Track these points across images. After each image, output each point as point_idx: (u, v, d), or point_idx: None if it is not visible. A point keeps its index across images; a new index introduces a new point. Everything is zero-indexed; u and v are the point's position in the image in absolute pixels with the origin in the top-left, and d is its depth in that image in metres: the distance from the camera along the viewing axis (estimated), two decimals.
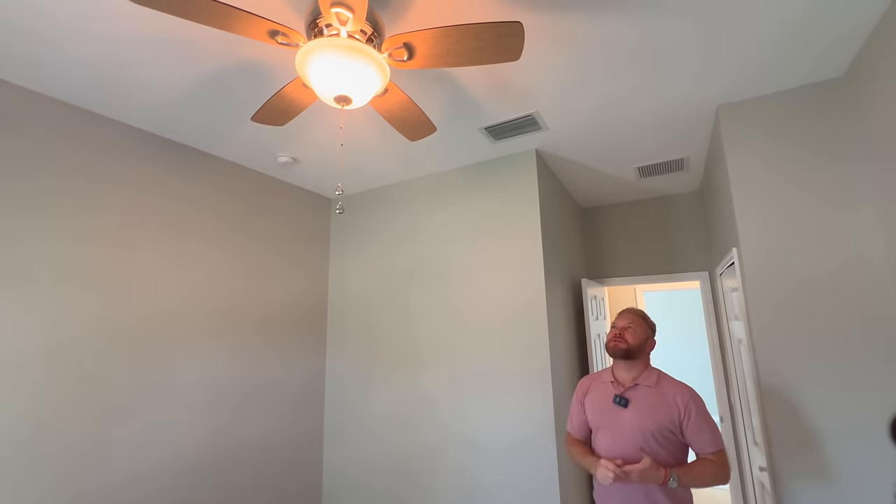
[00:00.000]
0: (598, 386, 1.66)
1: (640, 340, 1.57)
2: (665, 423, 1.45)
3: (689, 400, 1.46)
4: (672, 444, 1.46)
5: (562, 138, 2.37)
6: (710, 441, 1.43)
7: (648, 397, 1.51)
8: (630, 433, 1.48)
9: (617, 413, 1.53)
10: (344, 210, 1.75)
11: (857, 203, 1.74)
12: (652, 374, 1.56)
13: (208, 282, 2.37)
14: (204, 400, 2.26)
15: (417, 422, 2.61)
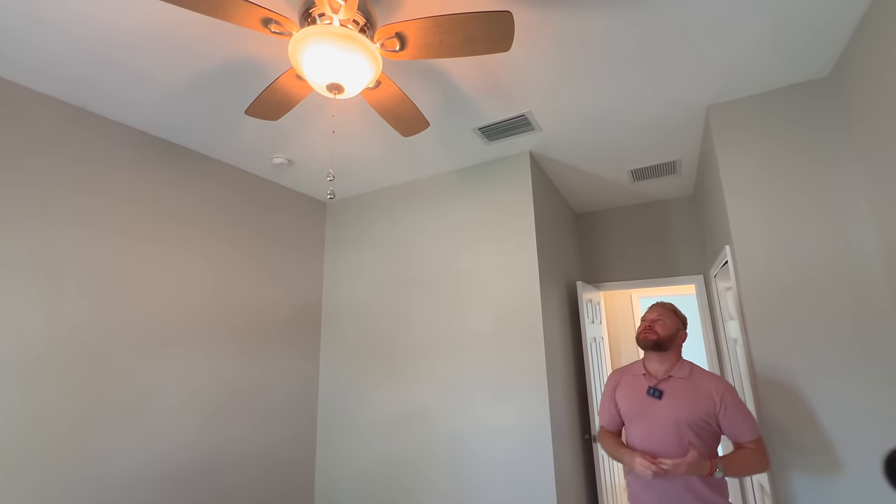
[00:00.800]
0: (629, 378, 1.67)
1: (669, 332, 1.58)
2: (700, 414, 1.46)
3: (724, 390, 1.47)
4: (707, 434, 1.47)
5: (555, 140, 2.39)
6: (749, 429, 1.45)
7: (682, 389, 1.52)
8: (665, 425, 1.49)
9: (651, 405, 1.55)
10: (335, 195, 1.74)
11: (847, 200, 1.75)
12: (685, 366, 1.58)
13: (202, 285, 2.35)
14: (197, 404, 2.22)
15: (412, 427, 2.57)
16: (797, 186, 1.84)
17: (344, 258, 3.11)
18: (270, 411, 2.61)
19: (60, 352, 1.77)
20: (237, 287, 2.53)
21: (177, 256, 2.24)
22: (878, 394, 1.59)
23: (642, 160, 2.71)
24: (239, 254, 2.57)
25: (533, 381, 2.26)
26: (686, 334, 1.64)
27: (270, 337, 2.69)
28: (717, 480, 1.45)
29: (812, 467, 1.64)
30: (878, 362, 1.61)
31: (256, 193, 2.74)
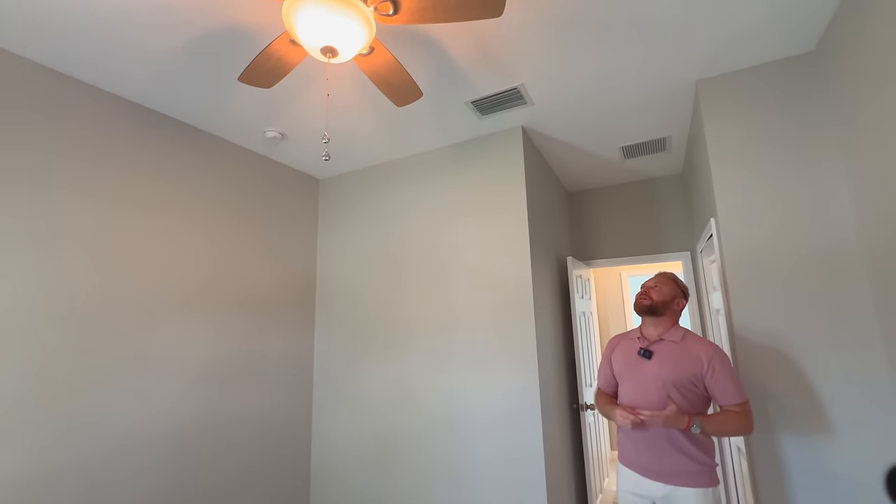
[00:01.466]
0: (625, 342, 1.77)
1: (664, 298, 1.66)
2: (687, 375, 1.53)
3: (714, 355, 1.54)
4: (694, 395, 1.54)
5: (547, 114, 2.42)
6: (734, 393, 1.51)
7: (672, 351, 1.60)
8: (652, 383, 1.58)
9: (641, 364, 1.64)
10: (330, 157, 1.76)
11: (828, 173, 1.80)
12: (679, 331, 1.66)
13: (197, 256, 2.37)
14: (191, 373, 2.26)
15: (405, 397, 2.64)
16: (781, 160, 1.89)
17: (337, 233, 3.14)
18: (267, 381, 2.67)
19: (59, 314, 1.79)
20: (233, 259, 2.55)
21: (172, 227, 2.25)
22: (858, 356, 1.66)
23: (633, 137, 2.74)
24: (234, 227, 2.58)
25: (523, 353, 2.33)
26: (684, 303, 1.71)
27: (266, 308, 2.72)
28: (702, 440, 1.54)
29: (798, 428, 1.72)
30: (857, 326, 1.68)
31: (250, 168, 2.74)
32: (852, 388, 1.66)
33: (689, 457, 1.51)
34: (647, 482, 1.57)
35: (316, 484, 2.87)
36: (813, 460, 1.68)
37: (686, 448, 1.52)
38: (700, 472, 1.51)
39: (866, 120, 1.54)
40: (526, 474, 2.21)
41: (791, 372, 1.76)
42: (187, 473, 2.17)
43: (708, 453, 1.55)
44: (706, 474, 1.51)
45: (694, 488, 1.49)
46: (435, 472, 2.47)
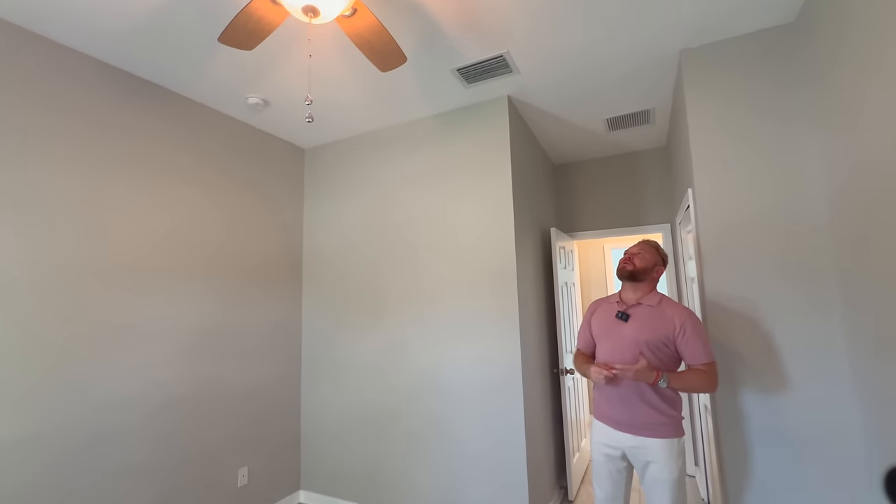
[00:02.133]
0: (605, 306, 1.87)
1: (646, 265, 1.75)
2: (659, 336, 1.64)
3: (686, 319, 1.64)
4: (665, 354, 1.65)
5: (533, 84, 2.42)
6: (702, 353, 1.61)
7: (648, 315, 1.70)
8: (627, 344, 1.68)
9: (618, 326, 1.73)
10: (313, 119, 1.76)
11: (801, 146, 1.86)
12: (656, 296, 1.75)
13: (182, 224, 2.36)
14: (178, 340, 2.30)
15: (392, 364, 2.73)
16: (756, 131, 1.94)
17: (323, 203, 3.14)
18: (254, 350, 2.72)
19: (39, 284, 1.79)
20: (219, 228, 2.55)
21: (156, 195, 2.24)
22: (817, 319, 1.77)
23: (618, 108, 2.76)
24: (219, 196, 2.57)
25: (506, 320, 2.41)
26: (662, 269, 1.80)
27: (253, 277, 2.75)
28: (669, 395, 1.65)
29: (760, 386, 1.83)
30: (818, 291, 1.78)
31: (235, 136, 2.71)
32: (810, 348, 1.77)
33: (657, 410, 1.62)
34: (618, 434, 1.69)
35: (306, 448, 2.98)
36: (771, 415, 1.81)
37: (654, 402, 1.63)
38: (667, 424, 1.62)
39: (838, 92, 1.59)
40: (507, 433, 2.33)
41: (757, 334, 1.86)
42: (171, 440, 2.22)
43: (675, 407, 1.66)
44: (672, 426, 1.63)
45: (661, 439, 1.61)
46: (423, 431, 2.58)
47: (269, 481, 2.74)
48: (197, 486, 2.31)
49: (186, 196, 2.40)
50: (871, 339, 1.52)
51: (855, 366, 1.65)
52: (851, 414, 1.68)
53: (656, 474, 1.60)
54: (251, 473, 2.62)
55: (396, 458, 2.64)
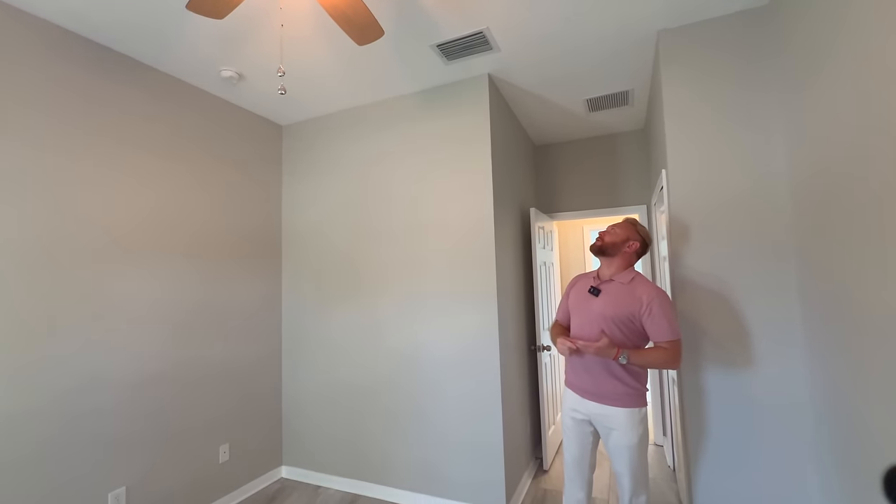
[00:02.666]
0: (583, 280, 1.93)
1: (615, 239, 1.78)
2: (625, 312, 1.69)
3: (654, 297, 1.67)
4: (630, 330, 1.70)
5: (514, 62, 2.41)
6: (666, 331, 1.65)
7: (618, 291, 1.75)
8: (595, 318, 1.74)
9: (589, 301, 1.80)
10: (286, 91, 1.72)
11: (770, 129, 1.92)
12: (629, 274, 1.78)
13: (160, 201, 2.32)
14: (158, 319, 2.28)
15: (372, 340, 2.76)
16: (728, 113, 1.99)
17: (302, 182, 3.10)
18: (235, 328, 2.71)
19: (16, 261, 1.75)
20: (196, 205, 2.50)
21: (130, 171, 2.17)
22: (778, 295, 1.86)
23: (598, 89, 2.78)
24: (196, 172, 2.51)
25: (484, 297, 2.45)
26: (637, 245, 1.79)
27: (230, 257, 2.72)
28: (633, 369, 1.72)
29: (725, 359, 1.93)
30: (779, 268, 1.86)
31: (210, 112, 2.64)
32: (770, 324, 1.86)
33: (621, 381, 1.71)
34: (585, 402, 1.79)
35: (287, 424, 3.02)
36: (732, 385, 1.91)
37: (618, 374, 1.71)
38: (629, 394, 1.71)
39: (806, 76, 1.64)
40: (485, 407, 2.41)
41: (723, 310, 1.95)
42: (153, 417, 2.23)
43: (638, 380, 1.73)
44: (634, 396, 1.71)
45: (623, 408, 1.70)
46: (403, 406, 2.64)
47: (250, 457, 2.77)
48: (178, 463, 2.33)
49: (163, 172, 2.34)
50: (820, 316, 1.61)
51: (807, 340, 1.75)
52: (803, 382, 1.79)
53: (617, 440, 1.71)
54: (232, 450, 2.65)
55: (376, 433, 2.71)
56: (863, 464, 1.38)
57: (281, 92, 1.40)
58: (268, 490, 2.81)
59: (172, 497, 2.28)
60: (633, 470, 1.70)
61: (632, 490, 1.73)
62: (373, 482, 2.70)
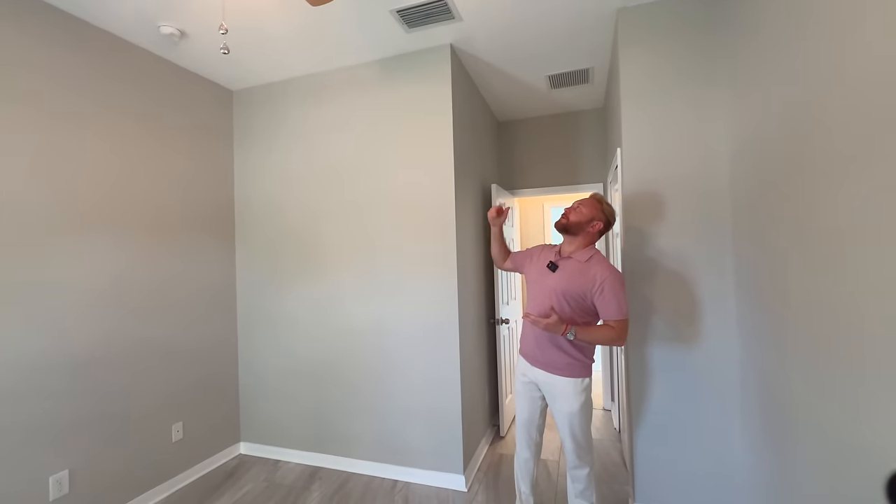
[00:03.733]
0: (546, 252, 1.96)
1: (580, 219, 1.80)
2: (577, 290, 1.74)
3: (607, 278, 1.71)
4: (581, 307, 1.76)
5: (476, 32, 2.36)
6: (615, 311, 1.71)
7: (574, 269, 1.79)
8: (547, 293, 1.81)
9: (546, 275, 1.85)
10: (229, 51, 1.61)
11: (718, 109, 2.00)
12: (588, 252, 1.81)
13: (93, 171, 2.13)
14: (99, 298, 2.14)
15: (331, 315, 2.73)
16: (681, 92, 2.05)
17: (256, 150, 2.95)
18: (186, 305, 2.60)
19: None
20: (137, 174, 2.33)
21: (63, 136, 1.97)
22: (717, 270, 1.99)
23: (560, 65, 2.79)
24: (136, 139, 2.32)
25: (444, 271, 2.47)
26: (599, 225, 1.82)
27: (177, 228, 2.57)
28: (580, 343, 1.78)
29: (668, 329, 2.06)
30: (718, 245, 1.98)
31: (152, 73, 2.43)
32: (710, 297, 2.00)
33: (566, 353, 1.80)
34: (534, 370, 1.89)
35: (245, 400, 2.97)
36: (674, 358, 2.05)
37: (563, 346, 1.80)
38: (573, 365, 1.80)
39: (745, 59, 1.71)
40: (444, 379, 2.47)
41: (669, 285, 2.07)
42: (100, 398, 2.13)
43: (582, 352, 1.81)
44: (578, 367, 1.80)
45: (567, 377, 1.80)
46: (362, 379, 2.66)
47: (206, 435, 2.72)
48: (128, 443, 2.25)
49: (98, 139, 2.14)
50: (749, 289, 1.75)
51: (739, 314, 1.90)
52: (734, 349, 1.95)
53: (561, 407, 1.81)
54: (186, 428, 2.58)
55: (336, 406, 2.72)
56: (779, 423, 1.54)
57: (224, 51, 1.30)
58: (225, 466, 2.78)
59: (122, 478, 2.21)
60: (575, 436, 1.81)
61: (575, 456, 1.84)
62: (333, 454, 2.73)
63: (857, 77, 1.04)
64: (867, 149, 1.01)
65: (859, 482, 1.08)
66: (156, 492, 2.38)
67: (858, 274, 1.05)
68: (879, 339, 0.98)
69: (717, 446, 1.98)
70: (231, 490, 2.50)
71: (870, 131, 0.99)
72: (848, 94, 1.07)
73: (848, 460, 1.12)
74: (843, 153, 1.10)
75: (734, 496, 1.96)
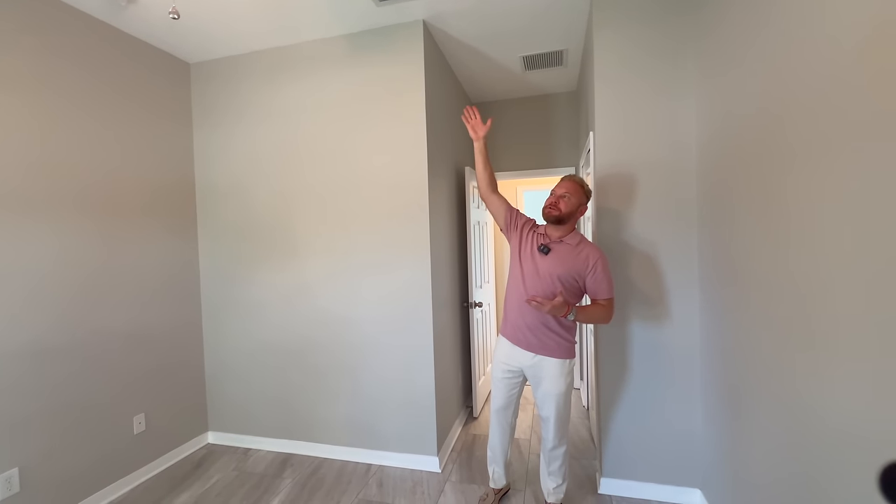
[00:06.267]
0: (534, 234, 1.92)
1: (571, 209, 1.82)
2: (572, 273, 1.79)
3: (598, 259, 1.79)
4: (572, 287, 1.82)
5: (448, 7, 2.28)
6: (606, 290, 1.80)
7: (566, 252, 1.83)
8: (543, 275, 1.82)
9: (538, 258, 1.85)
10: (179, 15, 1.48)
11: (684, 93, 2.03)
12: (577, 236, 1.86)
13: (37, 146, 1.95)
14: (49, 283, 1.98)
15: (302, 299, 2.66)
16: (653, 76, 2.06)
17: (217, 129, 2.78)
18: (144, 292, 2.46)
19: None
20: (84, 155, 2.15)
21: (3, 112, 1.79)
22: (684, 252, 2.04)
23: (534, 46, 2.75)
24: (84, 115, 2.13)
25: (417, 255, 2.44)
26: (585, 208, 1.87)
27: (134, 214, 2.41)
28: (567, 324, 1.83)
29: (641, 315, 2.11)
30: (686, 227, 2.04)
31: (93, 39, 2.22)
32: (676, 280, 2.06)
33: (557, 334, 1.83)
34: (521, 354, 1.89)
35: (212, 389, 2.88)
36: (642, 338, 2.12)
37: (555, 328, 1.83)
38: (561, 345, 1.84)
39: (712, 44, 1.73)
40: (418, 362, 2.46)
41: (637, 268, 2.12)
42: (52, 391, 2.00)
43: (570, 333, 1.87)
44: (566, 348, 1.85)
45: (556, 358, 1.83)
46: (335, 363, 2.61)
47: (170, 426, 2.62)
48: (84, 438, 2.14)
49: (35, 110, 1.95)
50: (711, 270, 1.81)
51: (702, 296, 1.97)
52: (697, 328, 2.03)
53: (548, 388, 1.85)
54: (149, 419, 2.48)
55: (308, 392, 2.68)
56: (736, 397, 1.62)
57: (173, 16, 1.19)
58: (193, 457, 2.70)
59: (80, 473, 2.11)
60: (559, 416, 1.86)
61: (556, 435, 1.89)
62: (305, 440, 2.70)
63: (818, 62, 1.06)
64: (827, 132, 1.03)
65: (811, 451, 1.15)
66: (118, 486, 2.29)
67: (817, 256, 1.09)
68: (834, 318, 1.03)
69: (681, 421, 2.08)
70: (199, 481, 2.43)
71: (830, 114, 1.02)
72: (811, 78, 1.09)
73: (801, 432, 1.19)
74: (804, 138, 1.13)
75: (696, 467, 2.07)
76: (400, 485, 2.35)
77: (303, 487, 2.34)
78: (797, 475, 1.20)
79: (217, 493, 2.31)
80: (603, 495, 2.20)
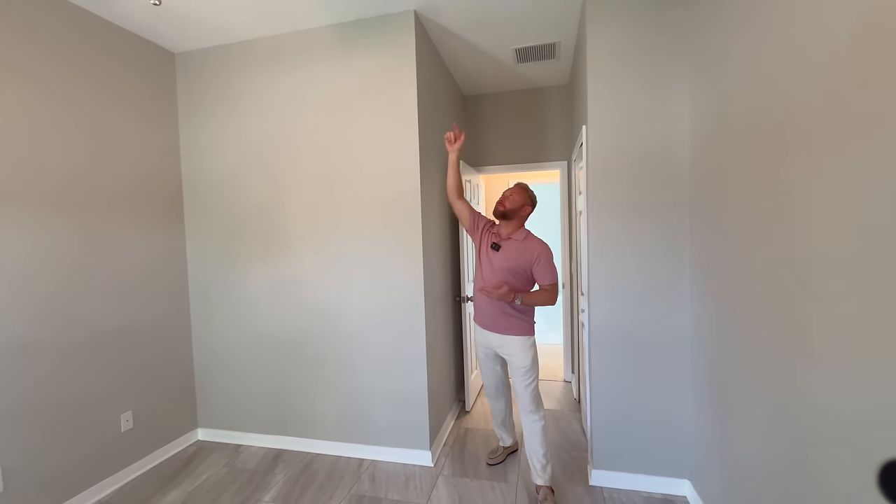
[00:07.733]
0: (491, 234, 2.24)
1: (514, 206, 2.12)
2: (521, 265, 2.09)
3: (542, 251, 2.08)
4: (523, 277, 2.11)
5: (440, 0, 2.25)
6: (549, 277, 2.08)
7: (515, 248, 2.12)
8: (496, 269, 2.13)
9: (492, 254, 2.17)
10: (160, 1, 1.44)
11: (677, 87, 2.03)
12: (523, 232, 2.16)
13: (15, 138, 1.88)
14: (30, 278, 1.93)
15: (294, 294, 2.63)
16: (647, 70, 2.06)
17: (204, 122, 2.72)
18: (129, 288, 2.41)
19: None
20: (51, 144, 2.08)
21: None
22: (674, 242, 2.06)
23: (526, 38, 2.72)
24: (62, 104, 2.06)
25: (409, 249, 2.42)
26: (530, 210, 2.17)
27: (118, 207, 2.35)
28: (519, 306, 2.09)
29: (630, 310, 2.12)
30: (677, 224, 2.05)
31: (75, 27, 2.14)
32: (668, 273, 2.07)
33: (513, 316, 2.12)
34: (490, 335, 2.19)
35: (202, 385, 2.84)
36: (632, 330, 2.13)
37: (509, 311, 2.12)
38: (520, 324, 2.12)
39: (705, 38, 1.73)
40: (410, 357, 2.45)
41: (629, 259, 2.12)
42: (35, 389, 1.96)
43: (526, 314, 2.14)
44: (524, 326, 2.14)
45: (516, 336, 2.12)
46: (327, 358, 2.59)
47: (159, 423, 2.59)
48: (69, 437, 2.09)
49: (16, 101, 1.88)
50: (701, 262, 1.83)
51: (692, 287, 1.99)
52: (687, 320, 2.05)
53: (516, 362, 2.12)
54: (137, 417, 2.44)
55: (300, 387, 2.66)
56: (723, 386, 1.64)
57: (154, 2, 1.15)
58: (182, 454, 2.67)
59: (65, 471, 2.07)
60: (530, 387, 2.11)
61: (530, 403, 2.12)
62: (297, 436, 2.68)
63: (810, 56, 1.06)
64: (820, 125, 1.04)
65: (800, 440, 1.16)
66: (105, 484, 2.25)
67: (807, 247, 1.10)
68: (821, 307, 1.04)
69: (670, 413, 2.10)
70: (189, 478, 2.40)
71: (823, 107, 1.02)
72: (804, 71, 1.10)
73: (789, 420, 1.21)
74: (796, 131, 1.13)
75: (685, 458, 2.09)
76: (392, 479, 2.35)
77: (295, 483, 2.33)
78: (785, 461, 1.22)
79: (207, 490, 2.29)
80: (594, 487, 2.22)
